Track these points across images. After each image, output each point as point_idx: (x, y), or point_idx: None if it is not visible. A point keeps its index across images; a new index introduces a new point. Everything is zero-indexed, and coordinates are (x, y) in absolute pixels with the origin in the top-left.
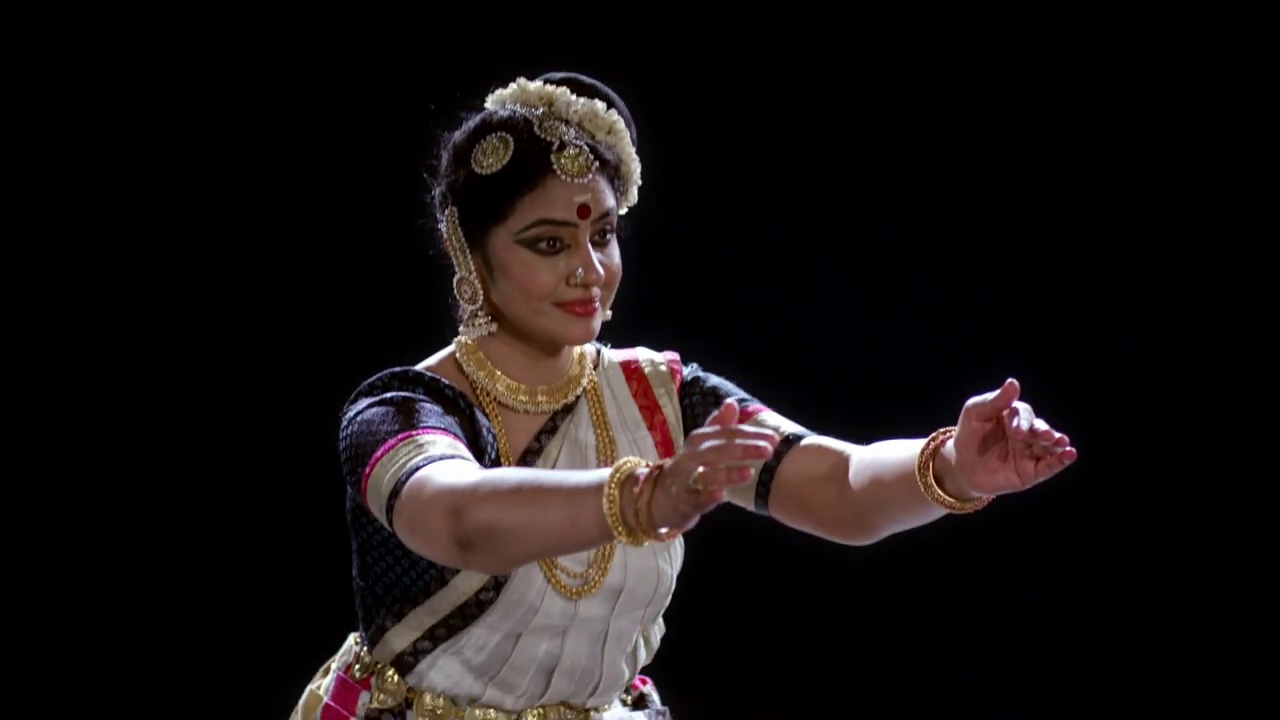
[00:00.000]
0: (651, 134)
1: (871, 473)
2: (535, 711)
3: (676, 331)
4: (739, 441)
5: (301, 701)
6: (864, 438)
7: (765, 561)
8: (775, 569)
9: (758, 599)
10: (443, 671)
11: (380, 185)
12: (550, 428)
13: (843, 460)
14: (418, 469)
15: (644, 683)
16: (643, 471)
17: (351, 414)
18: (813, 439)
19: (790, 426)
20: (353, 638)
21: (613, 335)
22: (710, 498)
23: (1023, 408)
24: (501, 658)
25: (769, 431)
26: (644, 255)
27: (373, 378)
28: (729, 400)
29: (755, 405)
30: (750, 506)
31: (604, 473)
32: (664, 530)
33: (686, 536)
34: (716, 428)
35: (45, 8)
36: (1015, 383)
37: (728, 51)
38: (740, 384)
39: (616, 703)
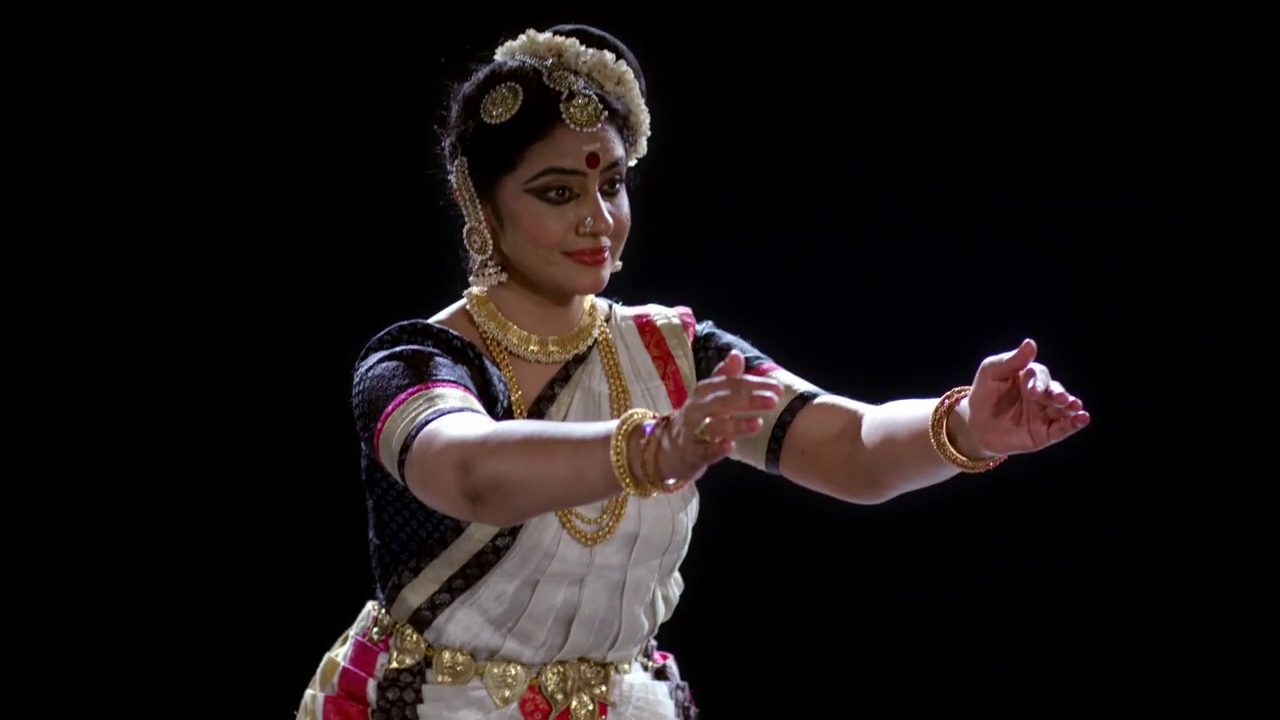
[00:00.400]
0: (664, 89)
1: (884, 431)
2: (555, 669)
3: (687, 293)
4: (744, 392)
5: (319, 669)
6: (877, 399)
7: (776, 522)
8: (786, 530)
9: (768, 559)
10: (461, 624)
11: (384, 158)
12: (563, 376)
13: (855, 419)
14: (428, 422)
15: (665, 658)
16: (650, 423)
17: (363, 370)
18: (826, 397)
19: (803, 385)
20: (370, 604)
21: (626, 295)
22: (717, 449)
23: (1039, 369)
24: (519, 607)
25: (773, 382)
26: (656, 214)
27: (382, 332)
28: (734, 351)
29: (768, 363)
30: (761, 465)
31: (611, 424)
32: (671, 481)
33: (702, 493)
34: (722, 378)
35: (45, 7)
36: (1032, 343)
37: (736, 7)
38: (753, 344)
39: (638, 667)
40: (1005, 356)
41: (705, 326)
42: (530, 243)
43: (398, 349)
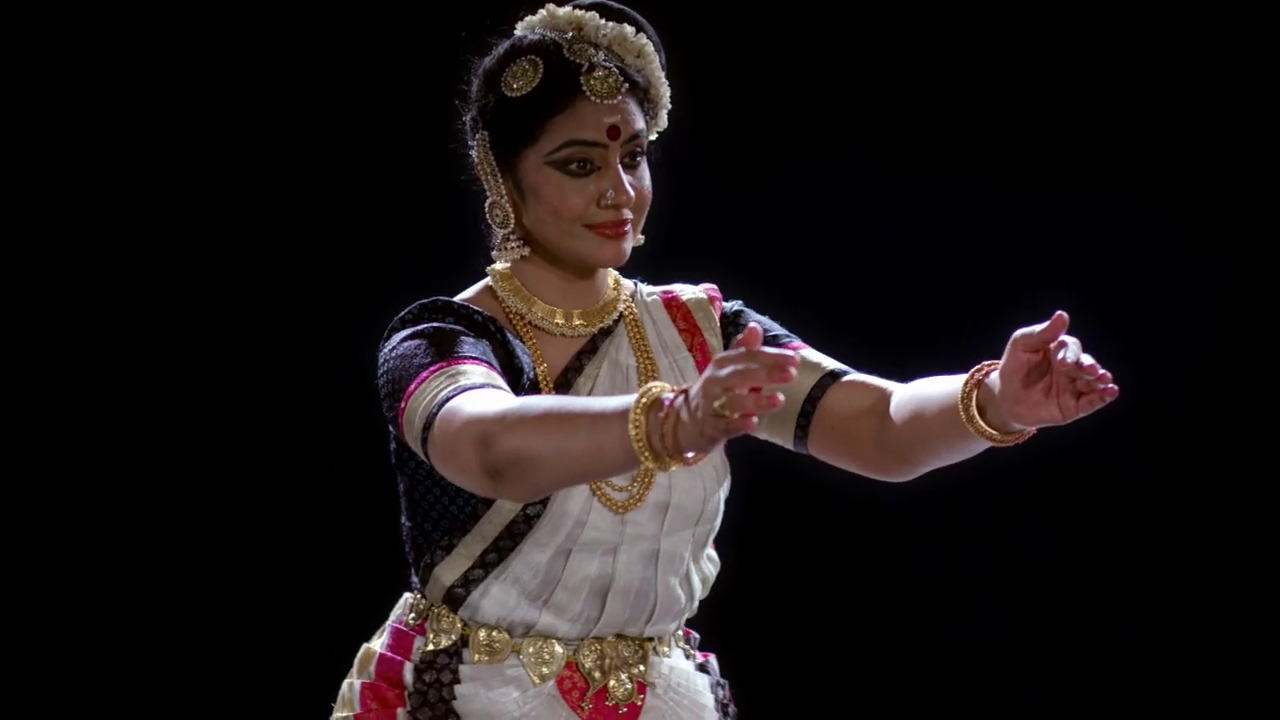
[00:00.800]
0: (688, 66)
1: (914, 406)
2: (592, 646)
3: (710, 272)
4: (763, 364)
5: (357, 659)
6: (903, 377)
7: (800, 499)
8: (810, 507)
9: (793, 538)
10: (495, 599)
11: (385, 154)
12: (590, 349)
13: (885, 395)
14: (449, 399)
15: (706, 657)
16: (668, 396)
17: (386, 350)
18: (855, 375)
19: (832, 363)
20: (407, 595)
21: (646, 271)
22: (737, 425)
23: (1071, 341)
24: (553, 578)
25: (791, 354)
26: (681, 193)
27: (403, 311)
28: (752, 324)
29: (796, 342)
30: (790, 444)
31: (629, 398)
32: (690, 455)
33: (736, 471)
34: (740, 350)
35: (42, 7)
36: (1064, 315)
37: None
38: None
39: (679, 653)
40: (1037, 328)
41: (734, 304)
42: (552, 215)
43: (420, 327)
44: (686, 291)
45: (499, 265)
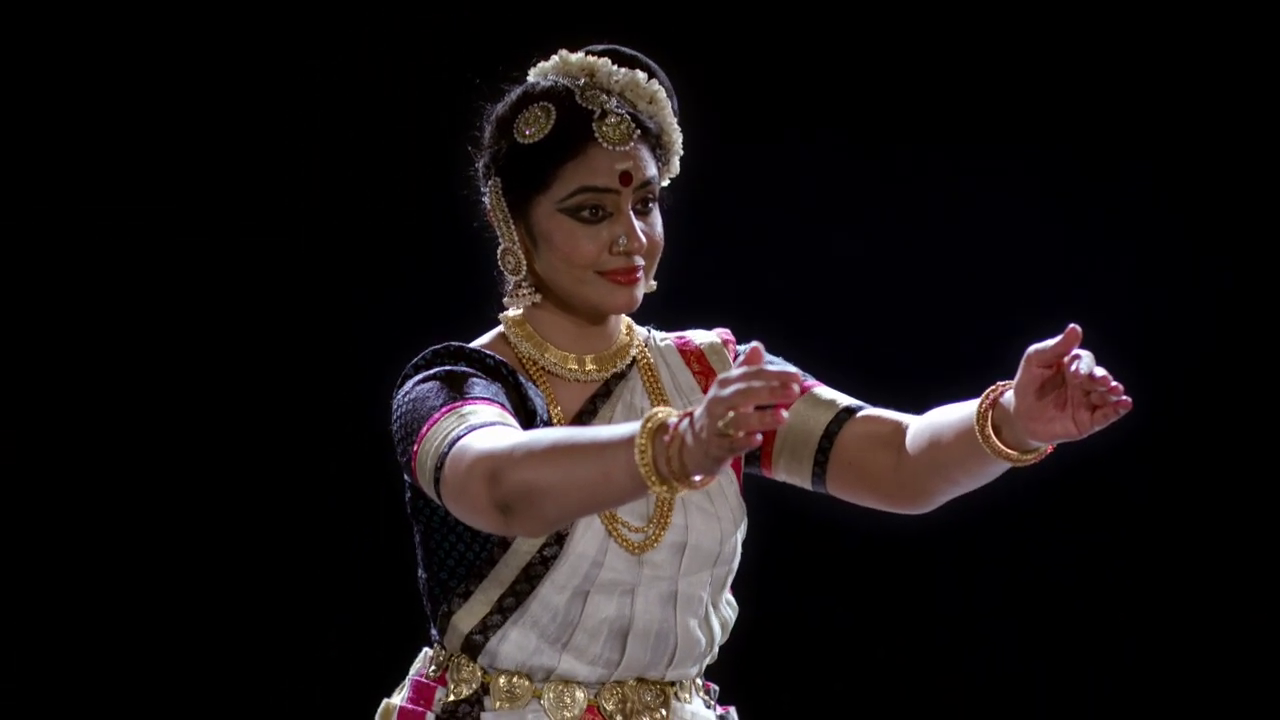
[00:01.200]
0: (698, 108)
1: (930, 434)
2: (614, 689)
3: (724, 313)
4: (766, 382)
5: (377, 714)
6: (913, 391)
7: (814, 539)
8: (824, 547)
9: (808, 578)
10: (514, 644)
11: (387, 162)
12: (604, 392)
13: (900, 428)
14: (460, 439)
15: (726, 709)
16: (673, 420)
17: (399, 396)
18: (870, 410)
19: (847, 399)
20: (426, 650)
21: (659, 317)
22: (742, 443)
23: (1085, 354)
24: (571, 620)
25: (794, 371)
26: (692, 234)
27: (416, 357)
28: (755, 344)
29: (811, 381)
30: (808, 483)
31: (635, 425)
32: (697, 478)
33: (751, 513)
34: (743, 369)
35: (38, 7)
36: (1077, 328)
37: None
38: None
39: (699, 702)
40: (1050, 342)
41: (748, 347)
42: (564, 262)
43: (432, 371)
44: (700, 336)
45: (511, 312)
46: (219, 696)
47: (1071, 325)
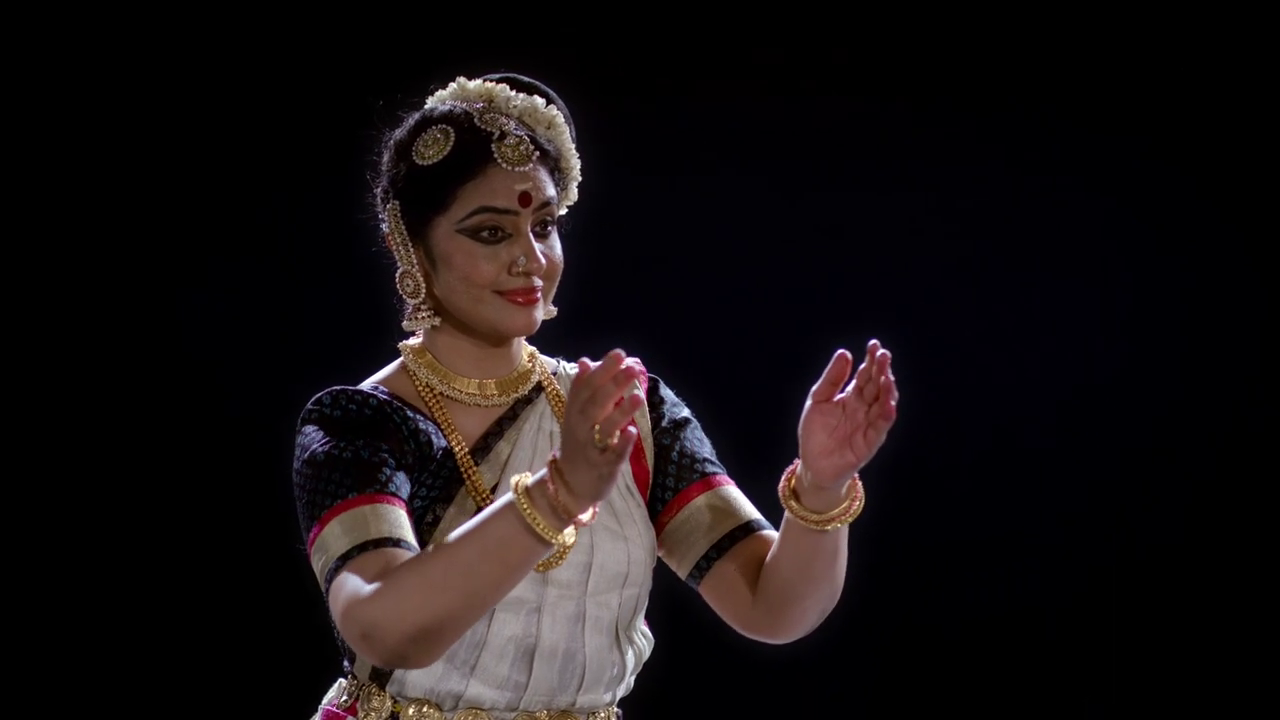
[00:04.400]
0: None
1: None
2: (524, 717)
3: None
4: (604, 383)
5: None
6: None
7: None
8: None
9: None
10: (421, 670)
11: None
12: (510, 416)
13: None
14: (338, 568)
15: None
16: (541, 472)
17: (301, 447)
18: (768, 531)
19: (750, 512)
20: (340, 680)
21: (564, 347)
22: (620, 445)
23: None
24: (477, 641)
25: (618, 353)
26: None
27: (316, 399)
28: (582, 359)
29: (721, 475)
30: (681, 575)
31: (504, 498)
32: (586, 516)
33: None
34: (580, 390)
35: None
36: (846, 354)
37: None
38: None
39: None
40: (824, 376)
41: (660, 384)
42: (462, 282)
43: (326, 439)
44: None
45: (412, 341)
46: (215, 697)
47: (840, 351)
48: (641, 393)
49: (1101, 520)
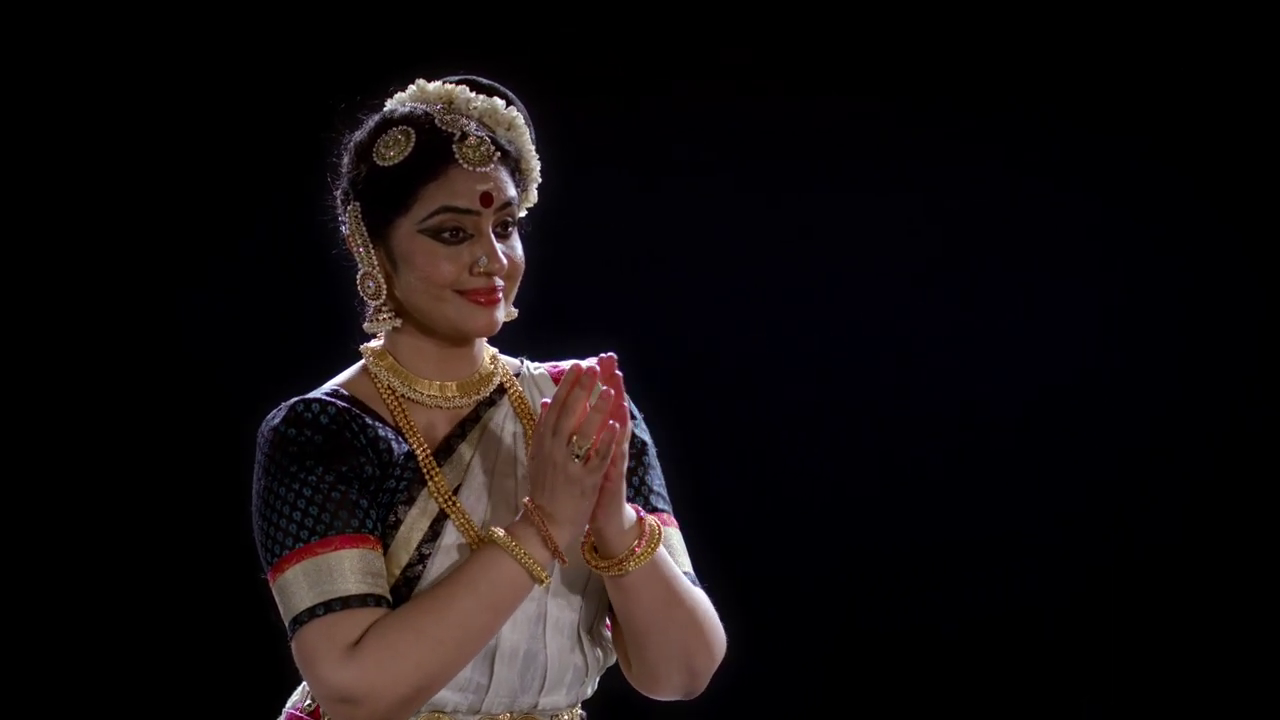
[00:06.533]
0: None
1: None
2: (486, 719)
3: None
4: (573, 396)
5: None
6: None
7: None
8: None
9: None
10: None
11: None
12: (473, 418)
13: None
14: (309, 621)
15: None
16: (518, 516)
17: (260, 471)
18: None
19: (687, 564)
20: (304, 685)
21: (525, 348)
22: (603, 450)
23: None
24: None
25: (576, 364)
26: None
27: (272, 418)
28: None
29: (668, 514)
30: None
31: (489, 547)
32: (585, 525)
33: None
34: (546, 416)
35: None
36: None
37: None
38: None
39: None
40: None
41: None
42: (423, 282)
43: (287, 465)
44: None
45: (373, 344)
46: (214, 696)
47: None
48: (612, 393)
49: (1099, 520)
